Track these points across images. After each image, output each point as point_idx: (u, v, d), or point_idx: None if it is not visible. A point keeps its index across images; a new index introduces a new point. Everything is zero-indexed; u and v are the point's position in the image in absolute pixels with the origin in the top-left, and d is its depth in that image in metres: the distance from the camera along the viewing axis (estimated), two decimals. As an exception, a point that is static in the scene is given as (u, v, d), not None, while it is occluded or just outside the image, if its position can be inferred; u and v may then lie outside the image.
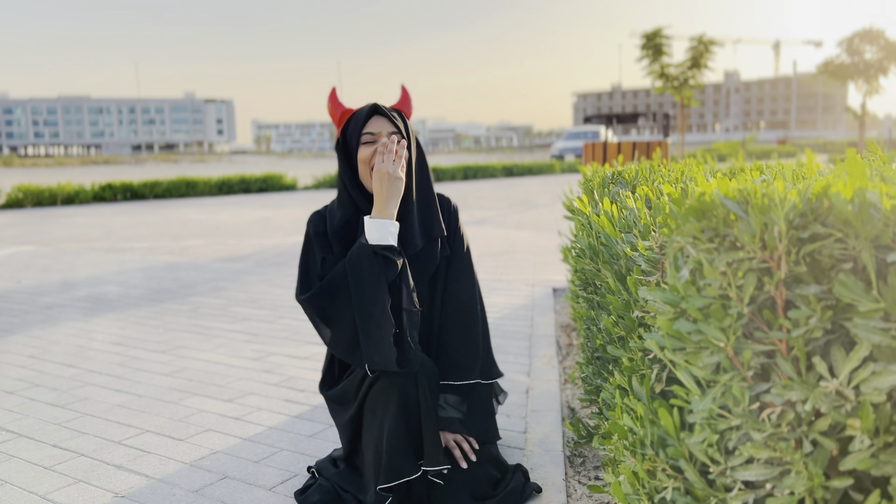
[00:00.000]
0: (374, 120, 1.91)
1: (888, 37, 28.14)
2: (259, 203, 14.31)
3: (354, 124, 1.92)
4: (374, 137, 1.89)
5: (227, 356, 3.54)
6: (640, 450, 1.39)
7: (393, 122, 1.91)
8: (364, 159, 1.89)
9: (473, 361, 2.08)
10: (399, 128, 1.92)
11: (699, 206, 1.29)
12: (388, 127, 1.91)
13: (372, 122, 1.91)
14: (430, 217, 2.00)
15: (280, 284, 5.46)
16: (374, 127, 1.90)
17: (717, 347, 1.26)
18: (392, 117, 1.92)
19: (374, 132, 1.89)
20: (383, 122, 1.91)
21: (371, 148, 1.89)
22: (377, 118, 1.91)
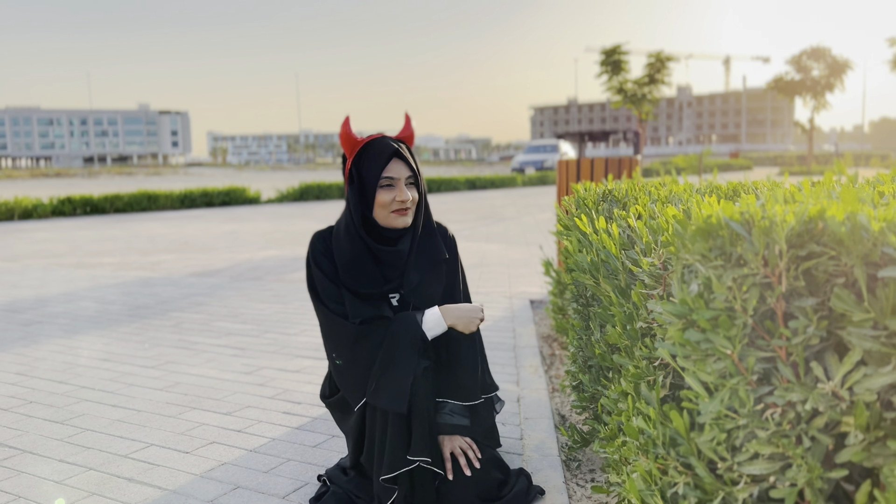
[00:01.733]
0: (393, 163, 1.99)
1: (834, 55, 29.28)
2: (223, 217, 14.23)
3: (373, 164, 1.98)
4: (394, 182, 1.98)
5: (218, 370, 3.60)
6: (653, 449, 1.52)
7: (409, 166, 2.00)
8: (383, 203, 1.98)
9: (473, 383, 2.19)
10: (415, 170, 2.03)
11: (706, 228, 1.44)
12: (405, 171, 2.00)
13: (392, 165, 1.99)
14: (431, 245, 2.12)
15: (259, 299, 5.50)
16: (394, 171, 1.98)
17: (723, 354, 1.40)
18: (408, 161, 2.00)
19: (393, 177, 1.98)
20: (402, 167, 2.00)
21: (391, 193, 1.97)
22: (396, 162, 1.99)
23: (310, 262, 2.08)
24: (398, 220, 2.00)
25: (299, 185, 19.60)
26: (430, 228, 2.13)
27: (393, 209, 1.98)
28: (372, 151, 2.00)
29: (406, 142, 2.09)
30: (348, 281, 2.02)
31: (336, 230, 2.10)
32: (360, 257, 2.02)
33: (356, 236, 2.02)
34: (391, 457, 1.95)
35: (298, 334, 4.33)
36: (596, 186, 2.78)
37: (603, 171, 4.91)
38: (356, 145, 2.03)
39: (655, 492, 1.52)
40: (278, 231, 11.03)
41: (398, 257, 2.05)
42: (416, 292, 2.08)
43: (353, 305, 2.01)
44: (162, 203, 16.45)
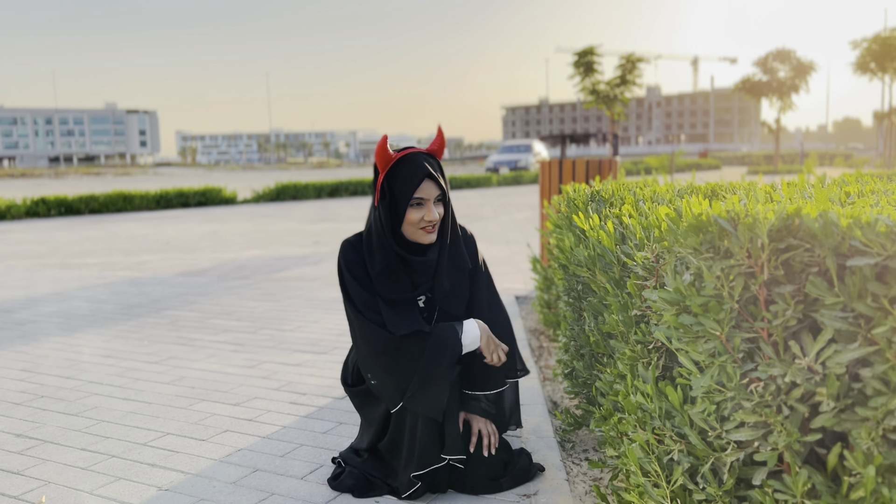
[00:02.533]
0: (425, 185, 2.10)
1: (799, 57, 30.02)
2: (201, 217, 14.25)
3: (405, 184, 2.09)
4: (423, 202, 2.11)
5: (221, 365, 3.73)
6: (651, 422, 1.71)
7: (440, 186, 2.14)
8: (412, 221, 2.11)
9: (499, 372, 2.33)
10: (445, 190, 2.16)
11: (696, 224, 1.63)
12: (435, 191, 2.13)
13: (423, 187, 2.10)
14: (458, 254, 2.28)
15: (250, 297, 5.63)
16: (425, 192, 2.10)
17: (713, 336, 1.60)
18: (439, 181, 2.13)
19: (424, 197, 2.10)
20: (432, 187, 2.12)
21: (420, 212, 2.11)
22: (428, 182, 2.11)
23: (342, 271, 2.22)
24: (425, 237, 2.15)
25: (275, 185, 19.63)
26: (456, 238, 2.29)
27: (421, 227, 2.13)
28: (405, 171, 2.10)
29: (436, 155, 2.21)
30: (381, 288, 2.17)
31: (367, 239, 2.21)
32: (393, 266, 2.16)
33: (388, 248, 2.16)
34: (423, 454, 2.12)
35: (294, 331, 4.48)
36: (584, 188, 2.97)
37: (584, 171, 5.12)
38: (389, 161, 2.12)
39: (653, 459, 1.72)
40: (259, 231, 11.11)
41: (428, 266, 2.20)
42: (447, 299, 2.25)
43: (389, 314, 2.15)
44: (138, 204, 16.39)
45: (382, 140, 2.16)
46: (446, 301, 2.27)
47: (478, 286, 2.36)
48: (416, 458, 2.13)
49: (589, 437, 2.70)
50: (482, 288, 2.37)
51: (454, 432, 2.15)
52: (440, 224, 2.22)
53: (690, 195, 2.71)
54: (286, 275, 6.78)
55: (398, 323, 2.14)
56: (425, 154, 2.19)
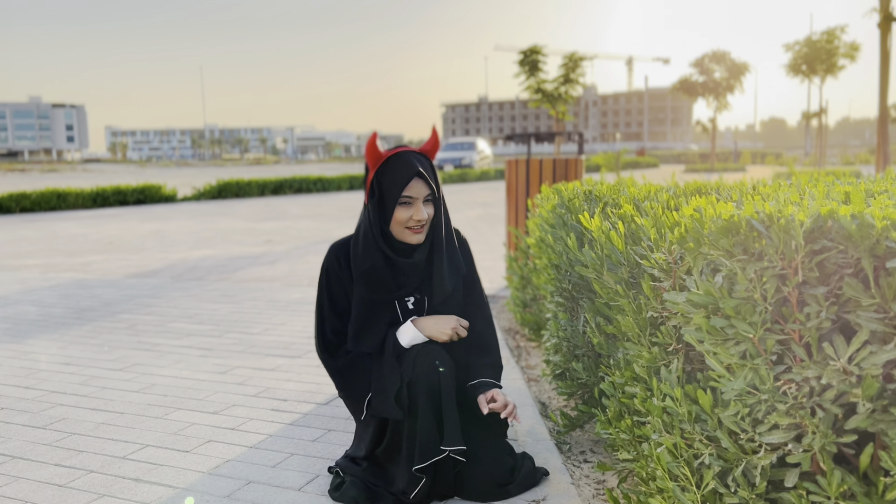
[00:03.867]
0: (414, 183, 2.07)
1: (733, 58, 31.02)
2: (142, 215, 13.79)
3: (394, 182, 2.06)
4: (412, 200, 2.07)
5: (191, 371, 3.59)
6: (679, 425, 1.70)
7: (429, 184, 2.09)
8: (400, 220, 2.08)
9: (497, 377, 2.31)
10: (434, 189, 2.11)
11: (727, 226, 1.62)
12: (424, 190, 2.08)
13: (412, 185, 2.07)
14: (457, 256, 2.25)
15: (208, 299, 5.45)
16: (414, 191, 2.07)
17: (745, 338, 1.59)
18: (429, 180, 2.09)
19: (412, 196, 2.07)
20: (421, 186, 2.08)
21: (408, 211, 2.08)
22: (417, 181, 2.07)
23: (321, 280, 2.21)
24: (412, 236, 2.11)
25: (217, 182, 19.15)
26: (451, 239, 2.25)
27: (408, 226, 2.10)
28: (394, 168, 2.08)
29: (429, 155, 2.18)
30: (363, 288, 2.14)
31: (354, 238, 2.19)
32: (377, 266, 2.13)
33: (374, 247, 2.12)
34: (423, 447, 2.06)
35: (261, 334, 4.35)
36: (576, 187, 2.95)
37: (551, 170, 5.13)
38: (379, 159, 2.10)
39: (681, 463, 1.70)
40: (205, 230, 10.81)
41: (414, 267, 2.16)
42: (444, 304, 2.22)
43: (360, 316, 2.15)
44: (72, 202, 15.76)
45: (372, 138, 2.12)
46: (443, 305, 2.24)
47: (471, 291, 2.34)
48: (418, 453, 2.08)
49: (584, 439, 2.69)
50: (476, 293, 2.36)
51: (453, 424, 2.10)
52: (430, 225, 2.19)
53: (688, 195, 2.72)
54: (242, 275, 6.59)
55: (364, 329, 2.16)
56: (417, 153, 2.16)
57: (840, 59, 25.78)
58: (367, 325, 2.16)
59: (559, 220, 2.81)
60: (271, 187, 20.00)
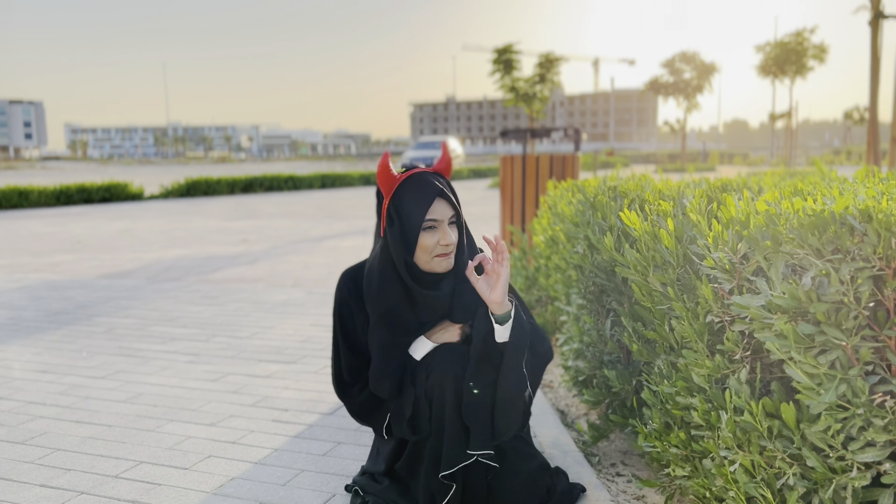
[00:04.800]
0: (437, 205, 1.87)
1: (702, 58, 31.36)
2: (109, 214, 13.36)
3: (415, 206, 1.85)
4: (437, 224, 1.86)
5: (180, 379, 3.36)
6: (758, 441, 1.54)
7: (452, 205, 1.89)
8: (426, 247, 1.86)
9: None
10: (457, 209, 1.91)
11: (817, 221, 1.47)
12: (448, 212, 1.88)
13: (435, 207, 1.86)
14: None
15: (189, 301, 5.19)
16: (437, 213, 1.86)
17: (837, 346, 1.44)
18: (451, 199, 1.89)
19: (437, 219, 1.86)
20: (445, 207, 1.88)
21: (434, 237, 1.86)
22: (440, 202, 1.87)
23: (336, 313, 2.02)
24: (441, 263, 1.88)
25: (185, 180, 18.72)
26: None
27: (436, 253, 1.87)
28: (413, 192, 1.87)
29: (444, 174, 1.98)
30: (383, 331, 1.94)
31: (368, 275, 1.97)
32: (399, 305, 1.92)
33: (397, 282, 1.91)
34: (450, 454, 1.88)
35: (251, 338, 4.12)
36: (597, 183, 2.80)
37: (548, 167, 4.98)
38: (394, 183, 1.89)
39: (760, 484, 1.55)
40: (177, 229, 10.47)
41: (441, 301, 1.94)
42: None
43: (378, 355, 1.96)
44: (35, 200, 15.24)
45: (384, 160, 1.90)
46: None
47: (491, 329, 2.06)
48: (444, 459, 1.89)
49: (612, 450, 2.54)
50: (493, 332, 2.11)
51: (481, 428, 1.92)
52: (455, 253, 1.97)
53: (719, 191, 2.58)
54: (222, 276, 6.34)
55: (383, 375, 1.95)
56: (433, 174, 1.95)
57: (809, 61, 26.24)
58: (387, 370, 1.95)
59: (583, 219, 2.65)
60: (241, 185, 19.61)
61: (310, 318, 4.61)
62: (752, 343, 1.69)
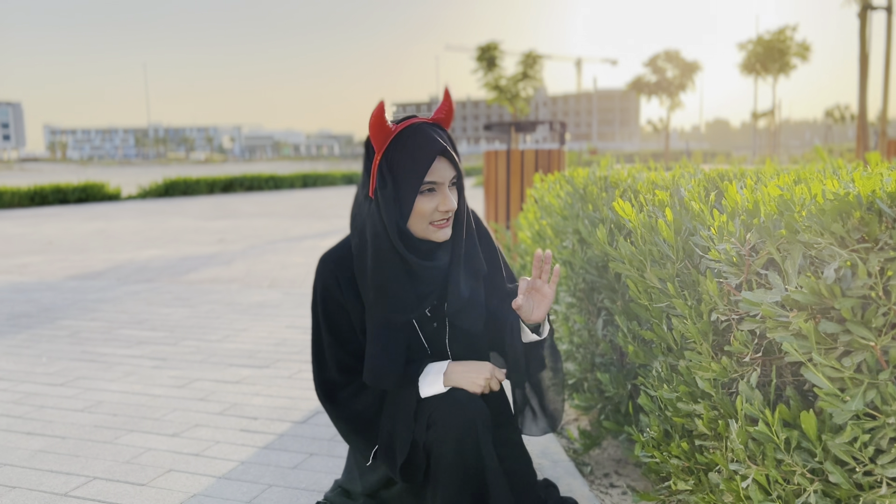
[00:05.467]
0: (437, 165, 1.60)
1: (683, 57, 31.42)
2: (84, 215, 13.05)
3: (413, 166, 1.59)
4: (436, 186, 1.61)
5: (144, 386, 3.15)
6: (773, 454, 1.38)
7: (454, 164, 1.64)
8: (423, 213, 1.61)
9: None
10: (460, 170, 1.68)
11: (841, 207, 1.30)
12: (450, 172, 1.63)
13: (436, 167, 1.60)
14: (476, 254, 1.78)
15: (160, 303, 4.97)
16: (438, 175, 1.60)
17: (864, 346, 1.27)
18: (453, 158, 1.64)
19: (437, 181, 1.60)
20: (446, 168, 1.62)
21: (432, 201, 1.61)
22: (441, 162, 1.61)
23: (316, 302, 1.72)
24: (437, 232, 1.64)
25: (164, 180, 18.40)
26: (472, 234, 1.79)
27: (434, 220, 1.63)
28: (411, 148, 1.59)
29: (443, 124, 1.70)
30: (379, 309, 1.66)
31: (357, 247, 1.68)
32: (396, 278, 1.64)
33: (390, 252, 1.63)
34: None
35: (222, 340, 3.92)
36: (585, 173, 2.63)
37: (533, 162, 4.82)
38: (389, 136, 1.61)
39: (777, 501, 1.38)
40: (153, 229, 10.21)
41: (438, 273, 1.69)
42: (462, 312, 1.74)
43: (376, 343, 1.67)
44: (8, 201, 14.89)
45: (378, 109, 1.59)
46: (460, 315, 1.74)
47: (500, 283, 1.88)
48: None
49: (605, 458, 2.37)
50: (504, 281, 1.89)
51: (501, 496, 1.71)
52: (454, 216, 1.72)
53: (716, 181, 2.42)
54: (196, 276, 6.11)
55: (382, 362, 1.67)
56: (433, 125, 1.67)
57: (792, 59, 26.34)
58: (386, 356, 1.68)
59: (572, 211, 2.48)
60: (221, 185, 19.32)
61: (285, 319, 4.41)
62: (764, 343, 1.53)
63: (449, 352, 1.78)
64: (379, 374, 1.67)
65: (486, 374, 1.67)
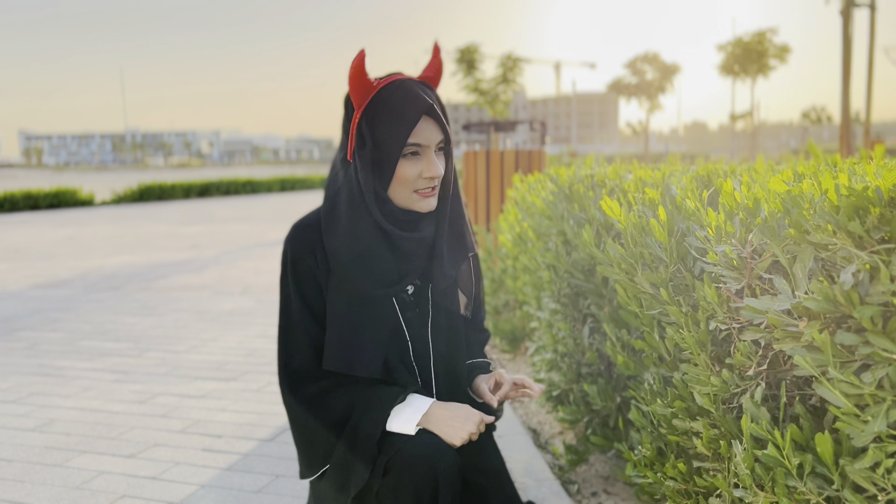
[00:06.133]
0: (423, 125, 1.42)
1: (663, 59, 31.56)
2: (55, 221, 12.73)
3: (396, 125, 1.41)
4: (421, 150, 1.43)
5: (102, 401, 2.96)
6: (784, 481, 1.23)
7: (441, 126, 1.46)
8: (406, 178, 1.43)
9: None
10: (449, 134, 1.49)
11: (858, 203, 1.16)
12: (437, 135, 1.44)
13: (421, 128, 1.42)
14: (464, 230, 1.60)
15: (127, 312, 4.76)
16: (423, 137, 1.42)
17: (888, 360, 1.13)
18: (441, 119, 1.46)
19: (421, 143, 1.42)
20: (433, 129, 1.44)
21: (417, 165, 1.43)
22: (427, 122, 1.43)
23: (286, 266, 1.50)
24: (421, 202, 1.45)
25: (138, 185, 18.08)
26: (459, 206, 1.60)
27: (418, 188, 1.44)
28: (394, 104, 1.41)
29: (432, 84, 1.52)
30: (353, 284, 1.45)
31: (329, 214, 1.48)
32: (374, 248, 1.44)
33: (368, 221, 1.44)
34: None
35: (188, 351, 3.73)
36: (570, 172, 2.48)
37: (513, 162, 4.67)
38: (370, 91, 1.42)
39: (790, 533, 1.23)
40: (126, 235, 9.95)
41: (421, 246, 1.50)
42: (450, 292, 1.58)
43: (351, 321, 1.46)
44: (-24, 207, 14.52)
45: (358, 59, 1.41)
46: (446, 295, 1.58)
47: (479, 288, 1.73)
48: None
49: (591, 474, 2.21)
50: (480, 280, 1.73)
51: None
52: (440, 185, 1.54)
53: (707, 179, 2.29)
54: (166, 284, 5.90)
55: (357, 344, 1.46)
56: (419, 82, 1.49)
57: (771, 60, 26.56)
58: (362, 337, 1.47)
59: (556, 212, 2.33)
60: (197, 190, 19.02)
61: (257, 328, 4.23)
62: (770, 355, 1.38)
63: (430, 343, 1.58)
64: (354, 359, 1.45)
65: (471, 429, 1.40)
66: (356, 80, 1.41)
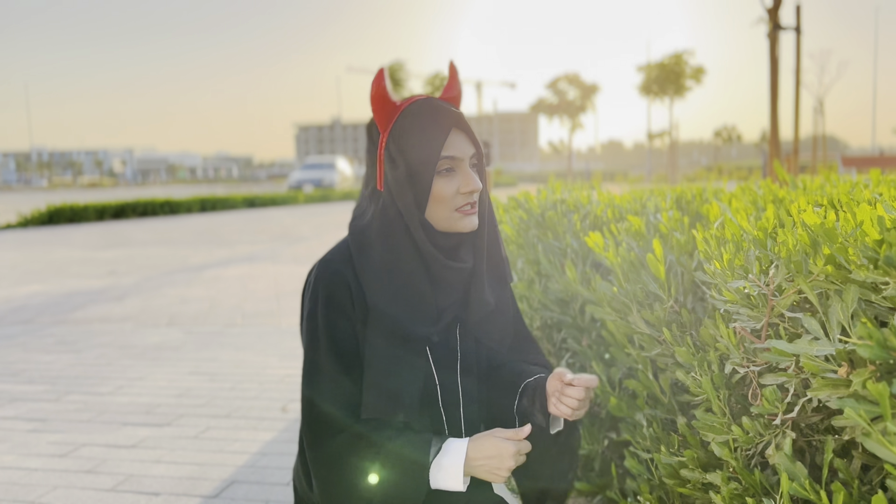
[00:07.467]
0: (454, 138, 1.32)
1: (583, 79, 32.41)
2: (-46, 246, 11.85)
3: (427, 140, 1.31)
4: (455, 164, 1.32)
5: (16, 456, 2.63)
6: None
7: (472, 140, 1.35)
8: (443, 197, 1.31)
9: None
10: (480, 148, 1.38)
11: (906, 237, 1.06)
12: (468, 148, 1.34)
13: (452, 141, 1.32)
14: (500, 254, 1.47)
15: (40, 349, 4.36)
16: (456, 150, 1.32)
17: (947, 413, 1.02)
18: (470, 132, 1.35)
19: (455, 156, 1.31)
20: (464, 142, 1.33)
21: (453, 181, 1.31)
22: (457, 135, 1.33)
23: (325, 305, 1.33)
24: (463, 220, 1.33)
25: (47, 207, 17.10)
26: (494, 227, 1.46)
27: (457, 205, 1.32)
28: (422, 120, 1.32)
29: (454, 104, 1.41)
30: (392, 322, 1.32)
31: (362, 250, 1.35)
32: (412, 281, 1.33)
33: (406, 250, 1.33)
34: None
35: (114, 393, 3.40)
36: (542, 197, 2.35)
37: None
38: (394, 111, 1.35)
39: None
40: (34, 262, 9.31)
41: (461, 278, 1.38)
42: (488, 322, 1.43)
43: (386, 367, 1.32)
44: None
45: (378, 77, 1.33)
46: (484, 326, 1.43)
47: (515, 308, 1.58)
48: None
49: (573, 523, 2.06)
50: (518, 312, 1.59)
51: None
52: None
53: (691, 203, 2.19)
54: (83, 315, 5.48)
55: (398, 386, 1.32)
56: (441, 100, 1.38)
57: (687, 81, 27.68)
58: (401, 379, 1.33)
59: (527, 239, 2.19)
60: (112, 211, 18.13)
61: (188, 364, 3.92)
62: (800, 402, 1.26)
63: (459, 385, 1.41)
64: (398, 401, 1.31)
65: (509, 463, 1.28)
66: (379, 101, 1.34)
